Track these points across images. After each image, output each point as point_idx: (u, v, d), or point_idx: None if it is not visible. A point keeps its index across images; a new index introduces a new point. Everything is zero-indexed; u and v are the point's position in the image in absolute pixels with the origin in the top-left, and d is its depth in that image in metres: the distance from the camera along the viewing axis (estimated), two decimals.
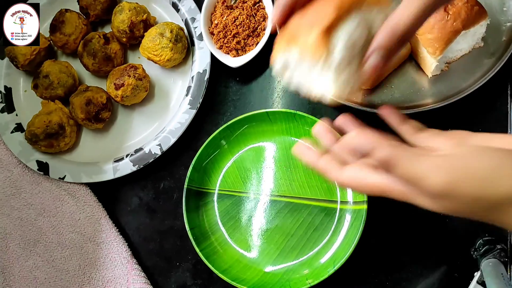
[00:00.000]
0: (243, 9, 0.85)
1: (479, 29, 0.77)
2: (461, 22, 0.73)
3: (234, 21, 0.84)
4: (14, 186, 0.85)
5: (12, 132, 0.87)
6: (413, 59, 0.82)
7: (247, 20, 0.84)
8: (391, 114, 0.52)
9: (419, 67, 0.81)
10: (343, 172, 0.46)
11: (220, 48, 0.86)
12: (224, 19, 0.85)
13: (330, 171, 0.47)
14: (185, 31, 0.88)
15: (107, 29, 0.92)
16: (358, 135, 0.42)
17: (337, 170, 0.47)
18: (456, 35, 0.74)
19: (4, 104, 0.89)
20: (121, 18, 0.85)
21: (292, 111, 0.78)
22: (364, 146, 0.41)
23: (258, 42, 0.85)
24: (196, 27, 0.88)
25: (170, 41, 0.83)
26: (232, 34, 0.84)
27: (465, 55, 0.80)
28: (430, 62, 0.77)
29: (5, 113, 0.89)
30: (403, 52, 0.79)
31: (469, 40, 0.77)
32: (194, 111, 0.83)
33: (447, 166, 0.37)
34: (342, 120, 0.53)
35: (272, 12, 0.50)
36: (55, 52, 0.93)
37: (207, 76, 0.84)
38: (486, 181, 0.36)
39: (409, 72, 0.82)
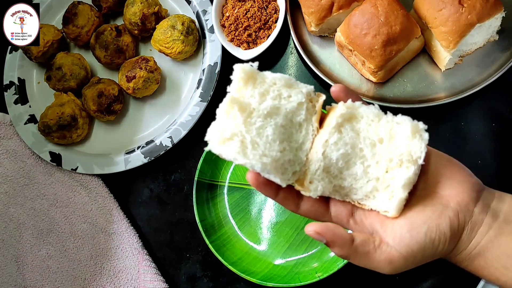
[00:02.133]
0: (254, 1, 0.85)
1: (494, 22, 0.75)
2: (476, 15, 0.72)
3: (246, 14, 0.84)
4: (27, 176, 0.87)
5: (25, 123, 0.88)
6: (426, 52, 0.81)
7: (259, 13, 0.84)
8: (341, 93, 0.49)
9: (432, 61, 0.81)
10: (299, 208, 0.49)
11: (231, 41, 0.85)
12: (235, 11, 0.85)
13: (286, 206, 0.49)
14: (197, 23, 0.88)
15: (119, 22, 0.93)
16: (315, 234, 0.45)
17: (294, 206, 0.48)
18: (470, 28, 0.73)
19: (18, 96, 0.90)
20: (133, 11, 0.85)
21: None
22: (322, 240, 0.45)
23: (269, 35, 0.84)
24: (207, 20, 0.88)
25: (182, 33, 0.83)
26: (243, 26, 0.84)
27: (479, 48, 0.79)
28: (444, 56, 0.77)
29: (19, 104, 0.90)
30: (416, 45, 0.78)
31: (484, 33, 0.76)
32: (205, 104, 0.83)
33: (391, 266, 0.44)
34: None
35: None
36: (68, 44, 0.94)
37: (218, 69, 0.84)
38: (420, 262, 0.45)
39: (422, 66, 0.81)
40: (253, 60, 0.83)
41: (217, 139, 0.43)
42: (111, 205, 0.83)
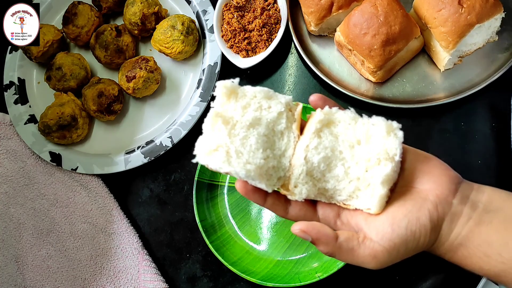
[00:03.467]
0: (260, 16, 0.84)
1: (494, 23, 0.76)
2: (476, 16, 0.72)
3: (248, 26, 0.84)
4: (27, 176, 0.87)
5: (25, 123, 0.88)
6: (425, 52, 0.81)
7: (263, 28, 0.83)
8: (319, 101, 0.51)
9: (431, 61, 0.81)
10: (288, 213, 0.50)
11: (231, 47, 0.85)
12: (236, 23, 0.84)
13: (275, 211, 0.50)
14: (197, 23, 0.88)
15: (119, 22, 0.93)
16: (300, 232, 0.46)
17: (283, 212, 0.50)
18: (470, 28, 0.73)
19: (18, 96, 0.90)
20: (133, 11, 0.85)
21: (303, 104, 0.78)
22: (307, 239, 0.46)
23: (269, 46, 0.84)
24: (207, 20, 0.88)
25: (182, 33, 0.83)
26: (242, 37, 0.84)
27: (478, 49, 0.79)
28: (443, 56, 0.77)
29: (19, 104, 0.90)
30: (416, 45, 0.78)
31: (483, 34, 0.76)
32: (205, 104, 0.83)
33: (375, 260, 0.46)
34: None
35: None
36: (68, 44, 0.94)
37: (218, 68, 0.84)
38: (404, 256, 0.46)
39: (422, 66, 0.81)
40: (251, 68, 0.84)
41: (204, 151, 0.46)
42: (111, 205, 0.83)
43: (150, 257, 0.80)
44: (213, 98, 0.83)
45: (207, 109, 0.83)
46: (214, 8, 0.86)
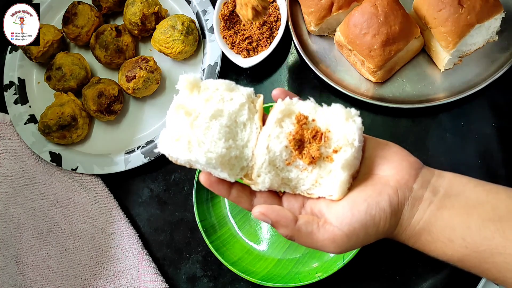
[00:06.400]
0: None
1: (494, 23, 0.76)
2: (476, 16, 0.72)
3: (247, 25, 0.84)
4: (27, 176, 0.87)
5: (25, 123, 0.88)
6: (425, 52, 0.81)
7: (262, 26, 0.83)
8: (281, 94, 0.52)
9: (431, 61, 0.81)
10: (253, 206, 0.50)
11: (232, 47, 0.85)
12: (238, 27, 0.84)
13: (240, 204, 0.51)
14: (197, 23, 0.88)
15: (119, 22, 0.93)
16: (260, 215, 0.47)
17: (248, 204, 0.50)
18: (470, 28, 0.73)
19: (18, 96, 0.90)
20: (133, 11, 0.85)
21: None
22: (267, 221, 0.47)
23: (270, 43, 0.84)
24: (207, 20, 0.88)
25: (182, 33, 0.83)
26: (243, 37, 0.84)
27: (478, 49, 0.79)
28: (443, 56, 0.77)
29: (19, 104, 0.90)
30: (416, 45, 0.78)
31: (483, 34, 0.76)
32: None
33: (335, 244, 0.46)
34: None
35: None
36: (68, 44, 0.94)
37: (218, 69, 0.84)
38: (364, 242, 0.47)
39: (422, 66, 0.81)
40: (250, 68, 0.84)
41: (166, 142, 0.47)
42: (111, 205, 0.83)
43: (150, 257, 0.80)
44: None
45: None
46: (214, 8, 0.86)
